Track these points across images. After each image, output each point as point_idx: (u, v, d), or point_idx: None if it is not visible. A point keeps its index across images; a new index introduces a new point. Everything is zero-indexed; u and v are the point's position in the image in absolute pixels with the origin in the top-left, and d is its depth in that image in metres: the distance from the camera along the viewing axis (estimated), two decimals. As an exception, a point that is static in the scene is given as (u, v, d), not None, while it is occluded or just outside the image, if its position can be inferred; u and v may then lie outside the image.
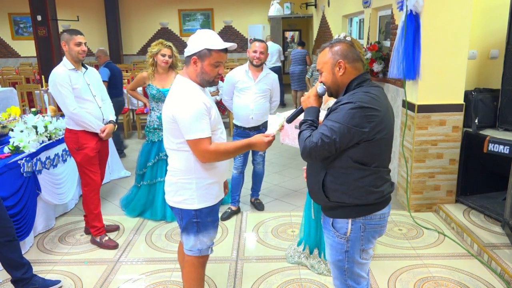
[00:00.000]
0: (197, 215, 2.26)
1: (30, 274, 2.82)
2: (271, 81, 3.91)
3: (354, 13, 7.00)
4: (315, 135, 1.84)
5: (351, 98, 1.83)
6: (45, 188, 3.69)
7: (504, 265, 3.05)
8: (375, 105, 1.82)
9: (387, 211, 2.01)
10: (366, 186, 1.89)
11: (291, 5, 11.82)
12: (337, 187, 1.91)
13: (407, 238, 3.65)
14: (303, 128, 1.95)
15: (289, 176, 5.25)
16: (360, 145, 1.83)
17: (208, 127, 2.11)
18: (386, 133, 1.88)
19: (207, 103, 2.13)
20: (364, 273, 2.08)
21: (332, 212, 2.01)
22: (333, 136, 1.79)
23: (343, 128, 1.78)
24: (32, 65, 12.07)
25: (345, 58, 1.91)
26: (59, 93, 3.22)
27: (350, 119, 1.78)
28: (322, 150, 1.83)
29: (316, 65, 2.03)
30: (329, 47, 1.95)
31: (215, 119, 2.19)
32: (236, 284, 3.03)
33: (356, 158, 1.86)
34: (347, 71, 1.92)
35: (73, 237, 3.77)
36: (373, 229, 1.98)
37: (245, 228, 3.89)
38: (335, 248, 2.04)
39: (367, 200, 1.91)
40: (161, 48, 3.82)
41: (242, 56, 12.79)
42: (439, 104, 3.88)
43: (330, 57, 1.93)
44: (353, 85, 1.91)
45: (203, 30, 2.17)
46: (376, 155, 1.89)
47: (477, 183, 4.09)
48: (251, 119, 3.85)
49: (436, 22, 3.71)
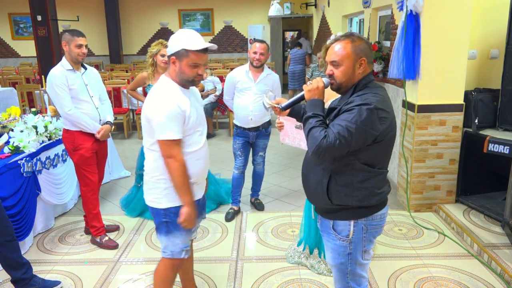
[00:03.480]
0: (166, 215, 2.25)
1: (30, 274, 2.82)
2: (272, 82, 3.90)
3: (354, 13, 7.00)
4: (331, 135, 1.77)
5: (365, 99, 1.80)
6: (45, 188, 3.69)
7: (504, 265, 3.05)
8: (386, 107, 1.83)
9: (386, 211, 2.02)
10: (370, 188, 1.89)
11: (291, 5, 11.82)
12: (341, 189, 1.89)
13: (407, 238, 3.64)
14: (314, 124, 1.83)
15: (289, 176, 5.25)
16: (370, 147, 1.82)
17: (179, 129, 2.10)
18: (393, 134, 1.89)
19: (182, 105, 2.11)
20: (365, 273, 2.08)
21: (333, 214, 1.97)
22: (350, 138, 1.76)
23: (360, 130, 1.76)
24: (32, 65, 12.07)
25: (367, 56, 1.89)
26: (55, 93, 3.22)
27: (366, 120, 1.76)
28: (337, 151, 1.79)
29: (331, 56, 1.90)
30: (351, 41, 1.87)
31: (193, 121, 2.17)
32: (236, 284, 3.03)
33: (363, 160, 1.85)
34: (363, 71, 1.90)
35: (73, 237, 3.77)
36: (374, 229, 1.99)
37: (245, 228, 3.89)
38: (337, 251, 2.00)
39: (369, 202, 1.91)
40: (160, 48, 3.82)
41: (243, 56, 12.80)
42: (439, 104, 3.88)
43: (353, 52, 1.86)
44: (361, 85, 1.89)
45: (183, 30, 2.13)
46: (382, 156, 1.91)
47: (477, 183, 4.09)
48: (250, 120, 3.85)
49: (436, 22, 3.71)
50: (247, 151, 4.05)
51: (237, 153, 4.02)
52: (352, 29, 7.68)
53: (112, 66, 11.63)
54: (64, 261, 3.37)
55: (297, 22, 13.14)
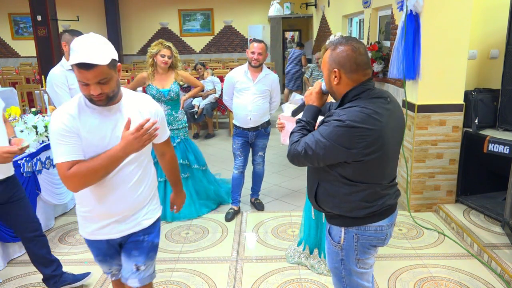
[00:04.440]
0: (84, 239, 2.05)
1: (60, 271, 2.85)
2: (271, 82, 3.90)
3: (354, 13, 6.99)
4: (301, 143, 1.76)
5: (342, 114, 1.68)
6: (45, 188, 3.69)
7: (504, 265, 3.05)
8: (368, 124, 1.66)
9: (386, 224, 1.88)
10: (357, 201, 1.80)
11: (291, 5, 11.81)
12: (329, 199, 1.85)
13: (407, 238, 3.64)
14: (294, 129, 1.85)
15: (289, 176, 5.25)
16: (349, 164, 1.73)
17: (67, 149, 1.73)
18: (382, 152, 1.73)
19: (68, 123, 1.73)
20: (366, 282, 1.98)
21: (329, 219, 1.96)
22: (317, 151, 1.71)
23: (328, 145, 1.69)
24: (32, 65, 12.06)
25: (342, 67, 1.74)
26: (55, 93, 3.24)
27: (337, 137, 1.67)
28: (304, 160, 1.77)
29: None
30: (332, 49, 1.78)
31: (88, 144, 1.77)
32: (236, 284, 3.03)
33: (344, 175, 1.77)
34: (343, 82, 1.77)
35: (73, 237, 3.77)
36: (368, 241, 1.88)
37: (245, 228, 3.89)
38: (331, 255, 1.99)
39: (358, 214, 1.82)
40: (160, 48, 3.82)
41: (243, 56, 12.79)
42: (439, 104, 3.88)
43: (328, 62, 1.78)
44: (350, 96, 1.76)
45: (78, 38, 1.71)
46: (367, 174, 1.77)
47: (477, 183, 4.09)
48: (249, 120, 3.85)
49: (436, 22, 3.71)
50: (246, 151, 4.05)
51: (236, 153, 4.02)
52: (352, 29, 7.68)
53: (112, 66, 11.61)
54: (64, 261, 3.36)
55: (297, 22, 13.12)
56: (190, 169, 4.17)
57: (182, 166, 4.06)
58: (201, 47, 13.38)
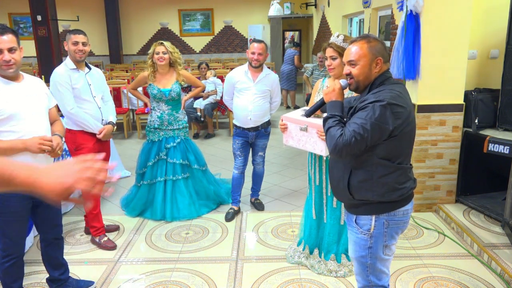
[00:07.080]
0: None
1: (67, 276, 2.85)
2: (271, 82, 3.90)
3: (354, 13, 7.00)
4: (347, 133, 1.87)
5: (378, 96, 1.88)
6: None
7: (504, 265, 3.05)
8: (401, 102, 1.89)
9: (410, 207, 2.06)
10: (391, 183, 1.95)
11: (291, 5, 11.82)
12: (362, 184, 1.97)
13: (407, 238, 3.64)
14: (331, 124, 1.97)
15: (289, 176, 5.25)
16: (386, 141, 1.90)
17: None
18: (410, 129, 1.96)
19: None
20: (386, 269, 2.13)
21: (356, 209, 2.06)
22: (365, 134, 1.85)
23: (374, 126, 1.84)
24: (32, 65, 12.06)
25: (383, 56, 1.97)
26: (58, 92, 3.23)
27: (380, 116, 1.84)
28: (354, 147, 1.88)
29: (348, 56, 2.00)
30: (367, 42, 1.98)
31: None
32: (236, 284, 3.03)
33: (382, 155, 1.92)
34: (381, 69, 1.98)
35: (73, 237, 3.77)
36: (396, 225, 2.03)
37: (245, 228, 3.89)
38: (359, 244, 2.08)
39: (390, 197, 1.96)
40: (155, 47, 3.86)
41: (243, 56, 12.79)
42: (439, 104, 3.88)
43: (369, 52, 1.96)
44: (377, 83, 1.98)
45: None
46: (401, 151, 1.96)
47: (477, 183, 4.09)
48: (249, 120, 3.85)
49: (436, 22, 3.71)
50: (246, 151, 4.05)
51: (236, 153, 4.03)
52: (352, 29, 7.68)
53: (112, 66, 11.63)
54: (64, 261, 3.37)
55: (297, 22, 13.13)
56: (190, 169, 4.17)
57: (182, 166, 4.07)
58: (201, 47, 13.38)
